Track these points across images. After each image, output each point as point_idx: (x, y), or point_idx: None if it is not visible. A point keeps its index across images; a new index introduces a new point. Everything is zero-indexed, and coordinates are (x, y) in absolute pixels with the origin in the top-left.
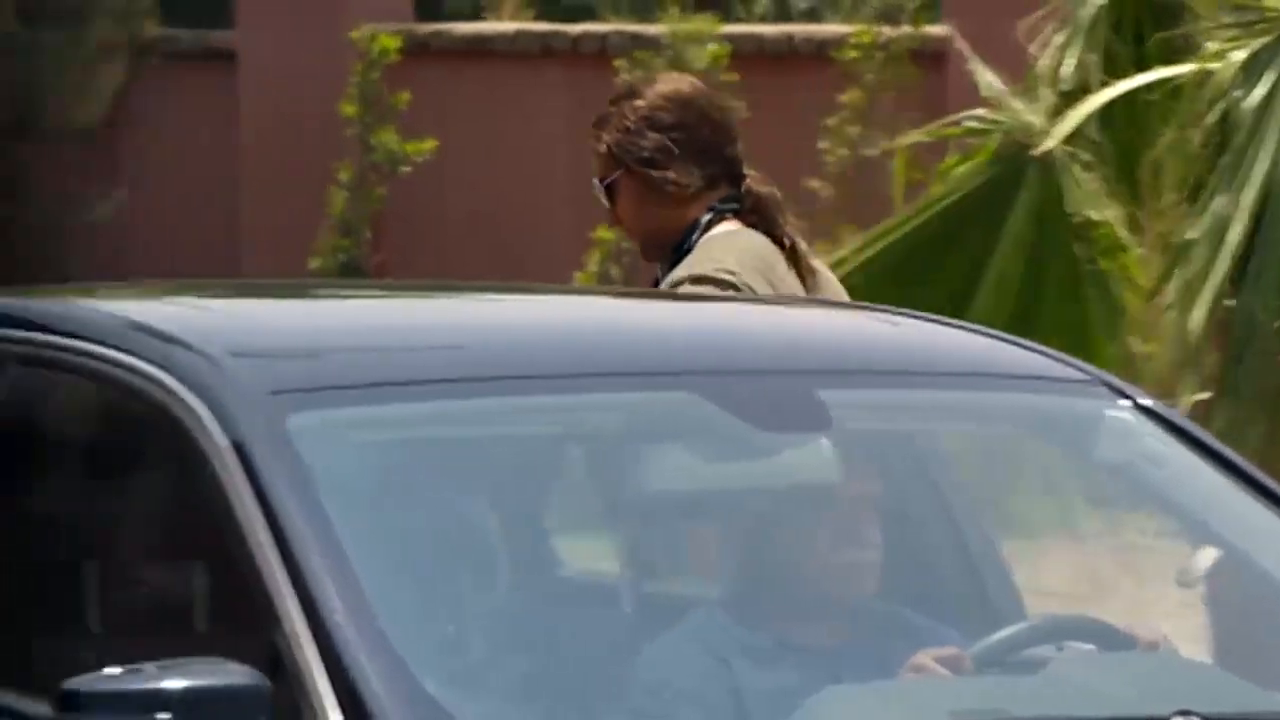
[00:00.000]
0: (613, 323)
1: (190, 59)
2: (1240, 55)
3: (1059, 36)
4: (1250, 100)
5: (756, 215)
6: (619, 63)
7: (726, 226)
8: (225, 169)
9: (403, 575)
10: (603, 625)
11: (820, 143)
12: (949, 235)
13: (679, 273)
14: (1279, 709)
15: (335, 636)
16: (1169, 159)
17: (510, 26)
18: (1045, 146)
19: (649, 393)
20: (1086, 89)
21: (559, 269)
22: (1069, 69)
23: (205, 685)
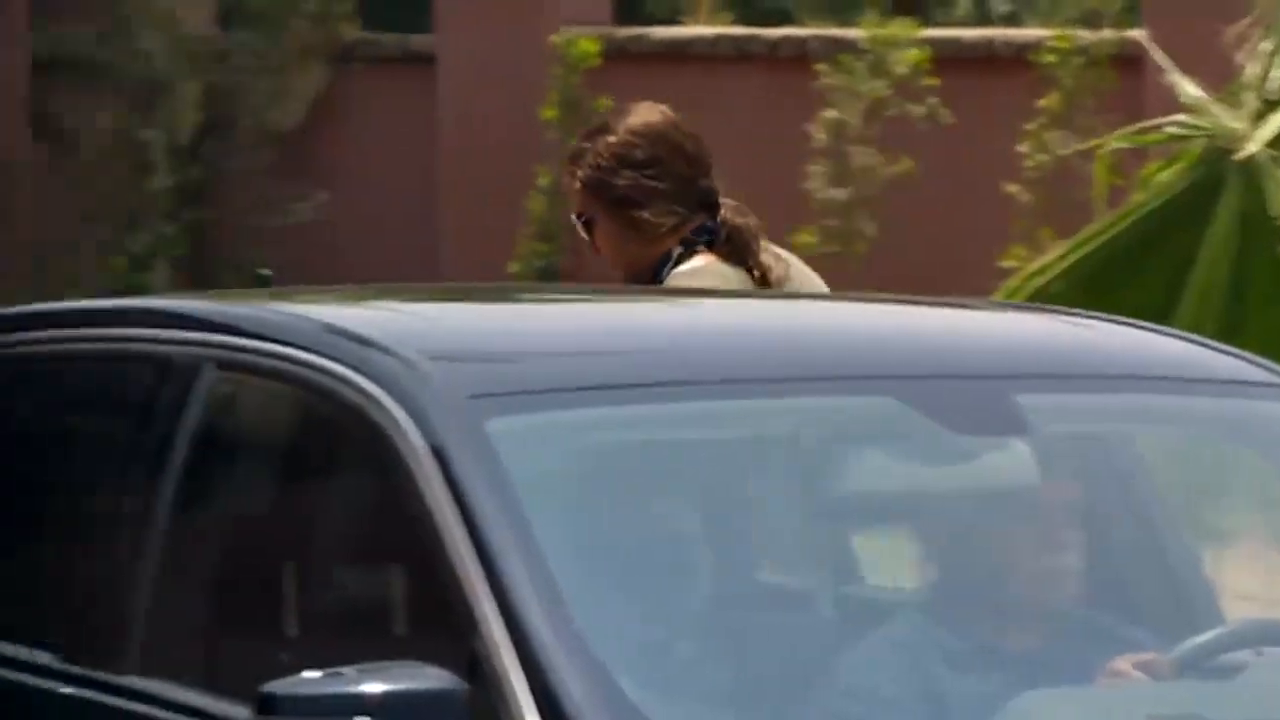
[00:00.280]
0: (811, 327)
1: (390, 62)
2: None
3: (1266, 43)
4: None
5: (730, 247)
6: (819, 67)
7: (695, 262)
8: (424, 173)
9: (601, 580)
10: (802, 630)
11: (1019, 146)
12: (1151, 241)
13: None
14: None
15: (534, 641)
16: None
17: (710, 31)
18: (1248, 151)
19: (847, 397)
20: None
21: None
22: (1277, 76)
23: (404, 689)
